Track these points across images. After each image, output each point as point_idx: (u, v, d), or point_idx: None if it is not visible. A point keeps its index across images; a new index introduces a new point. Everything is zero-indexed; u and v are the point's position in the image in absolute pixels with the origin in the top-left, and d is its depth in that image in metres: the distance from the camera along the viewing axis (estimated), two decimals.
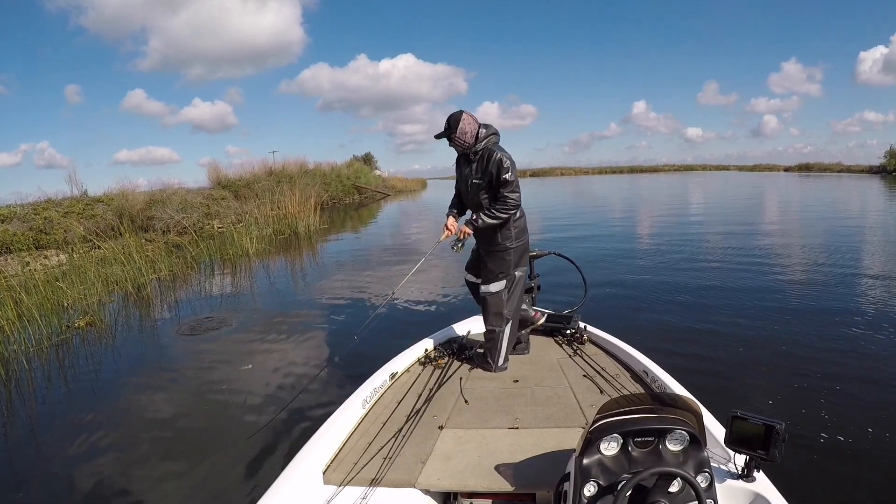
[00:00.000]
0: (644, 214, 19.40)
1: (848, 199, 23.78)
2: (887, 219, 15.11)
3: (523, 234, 3.16)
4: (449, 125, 3.03)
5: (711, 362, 4.52)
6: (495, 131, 3.07)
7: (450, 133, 3.03)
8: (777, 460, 1.69)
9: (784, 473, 2.07)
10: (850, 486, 2.81)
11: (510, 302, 3.16)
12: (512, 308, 3.17)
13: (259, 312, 6.95)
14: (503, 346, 3.15)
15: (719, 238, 12.01)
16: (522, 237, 3.16)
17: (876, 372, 4.22)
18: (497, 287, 3.13)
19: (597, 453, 1.56)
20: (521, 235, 3.14)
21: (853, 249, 10.02)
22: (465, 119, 2.99)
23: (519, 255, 3.16)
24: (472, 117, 3.02)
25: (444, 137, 3.07)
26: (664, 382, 2.71)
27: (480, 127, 3.03)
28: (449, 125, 3.03)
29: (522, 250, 3.18)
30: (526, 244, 3.21)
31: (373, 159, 49.78)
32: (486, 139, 3.01)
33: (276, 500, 1.86)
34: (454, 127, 3.00)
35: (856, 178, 45.01)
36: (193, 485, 3.01)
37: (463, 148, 3.06)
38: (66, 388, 4.74)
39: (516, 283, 3.18)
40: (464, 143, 3.02)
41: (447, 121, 3.05)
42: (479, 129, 3.02)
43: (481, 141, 3.01)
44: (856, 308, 5.93)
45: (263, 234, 13.50)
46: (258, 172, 22.14)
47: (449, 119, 3.04)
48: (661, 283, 7.50)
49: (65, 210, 13.15)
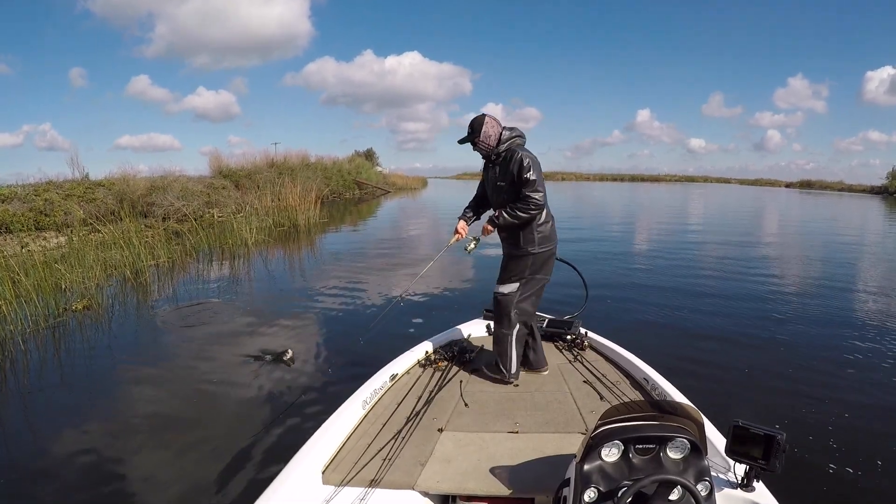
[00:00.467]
0: (647, 223, 19.54)
1: (849, 216, 24.00)
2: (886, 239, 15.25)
3: (547, 242, 3.02)
4: (472, 129, 2.99)
5: (712, 371, 4.54)
6: (520, 133, 3.01)
7: (473, 137, 2.99)
8: (777, 471, 1.70)
9: (784, 484, 2.08)
10: (850, 499, 2.82)
11: (521, 304, 3.04)
12: (522, 311, 3.05)
13: (258, 304, 6.96)
14: (513, 352, 3.04)
15: (722, 249, 12.16)
16: (547, 244, 3.02)
17: (879, 385, 4.26)
18: (508, 289, 3.04)
19: (598, 459, 1.56)
20: (545, 242, 3.01)
21: (853, 265, 10.20)
22: (488, 122, 2.96)
23: (542, 263, 3.03)
24: (494, 120, 2.99)
25: (467, 142, 3.04)
26: (664, 390, 2.72)
27: (504, 129, 2.99)
28: (472, 129, 2.99)
29: (546, 258, 3.05)
30: (551, 252, 3.06)
31: (374, 155, 49.67)
32: (510, 141, 2.96)
33: (274, 499, 1.87)
34: (477, 131, 2.96)
35: (857, 198, 45.40)
36: (189, 481, 2.97)
37: (487, 151, 3.01)
38: (61, 370, 4.75)
39: (531, 288, 3.05)
40: (487, 146, 2.99)
41: (470, 125, 3.01)
42: (503, 132, 2.98)
43: (504, 143, 2.96)
44: (859, 320, 6.04)
45: (263, 226, 13.49)
46: (259, 163, 22.12)
47: (472, 123, 3.00)
48: (662, 291, 7.57)
49: (66, 192, 13.12)
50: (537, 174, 2.87)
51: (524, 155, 2.87)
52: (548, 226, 3.03)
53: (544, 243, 3.01)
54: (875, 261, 11.03)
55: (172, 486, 2.92)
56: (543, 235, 3.00)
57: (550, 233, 3.04)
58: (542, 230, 3.00)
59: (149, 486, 2.93)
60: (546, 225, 3.02)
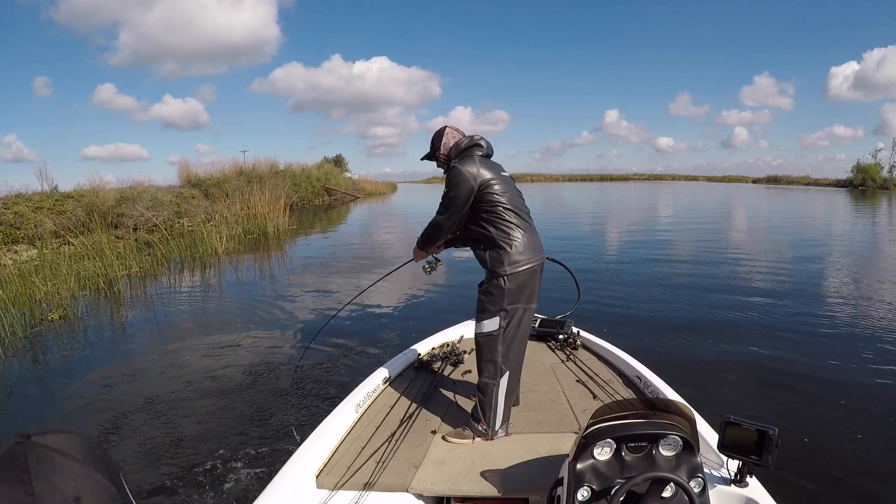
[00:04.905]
0: (626, 221, 20.25)
1: (815, 211, 25.13)
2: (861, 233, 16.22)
3: (521, 260, 2.38)
4: (432, 144, 2.64)
5: (704, 367, 4.63)
6: (477, 142, 2.55)
7: (434, 153, 2.64)
8: (770, 466, 1.70)
9: (777, 479, 2.14)
10: (842, 493, 2.87)
11: (507, 347, 2.44)
12: (511, 356, 2.46)
13: (231, 313, 7.27)
14: (499, 405, 2.44)
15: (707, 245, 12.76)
16: (520, 263, 2.38)
17: (871, 379, 4.36)
18: (490, 326, 2.43)
19: (590, 458, 1.57)
20: (517, 260, 2.38)
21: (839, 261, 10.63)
22: (447, 134, 2.60)
23: (519, 287, 2.39)
24: (456, 131, 2.62)
25: (429, 159, 2.68)
26: (657, 388, 2.71)
27: (463, 139, 2.57)
28: (432, 144, 2.64)
29: (524, 280, 2.40)
30: (530, 271, 2.41)
31: (343, 161, 49.88)
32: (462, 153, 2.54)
33: (269, 503, 1.88)
34: (437, 145, 2.62)
35: (822, 191, 46.90)
36: (183, 489, 2.97)
37: (444, 166, 2.61)
38: (38, 378, 5.04)
39: (517, 323, 2.44)
40: (445, 159, 2.60)
41: (431, 140, 2.66)
42: (461, 141, 2.56)
43: (456, 156, 2.54)
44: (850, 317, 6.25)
45: (233, 234, 13.80)
46: (228, 172, 22.25)
47: (433, 138, 2.64)
48: (653, 289, 7.82)
49: (35, 205, 13.27)
50: (456, 191, 2.41)
51: (455, 169, 2.44)
52: (518, 239, 2.41)
53: (517, 262, 2.38)
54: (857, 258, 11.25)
55: (163, 493, 2.95)
56: (515, 251, 2.39)
57: (525, 246, 2.41)
58: (509, 244, 2.40)
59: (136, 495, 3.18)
60: (513, 237, 2.41)
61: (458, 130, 2.62)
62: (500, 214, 2.41)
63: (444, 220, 2.51)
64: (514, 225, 2.42)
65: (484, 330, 2.45)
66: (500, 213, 2.41)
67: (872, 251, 12.37)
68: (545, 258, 2.56)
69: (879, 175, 55.14)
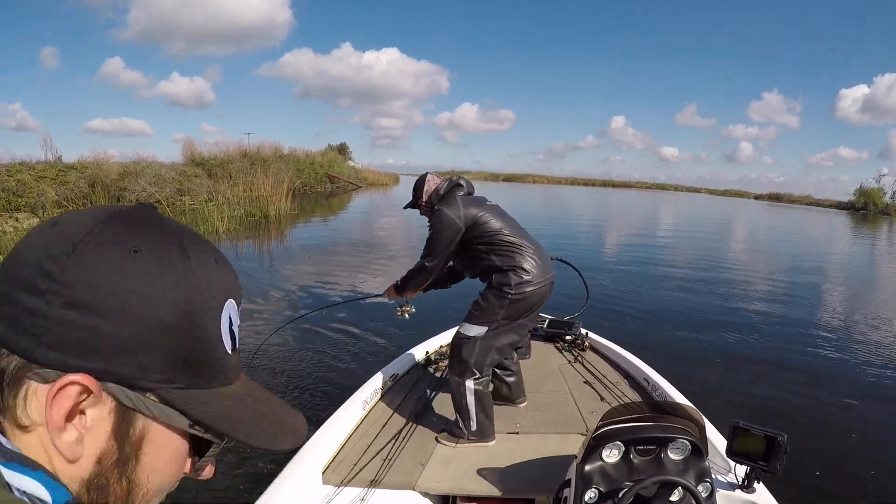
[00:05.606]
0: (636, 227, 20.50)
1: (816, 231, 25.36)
2: None
3: (527, 284, 2.35)
4: (415, 192, 2.62)
5: (713, 371, 4.65)
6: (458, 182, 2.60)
7: (417, 201, 2.62)
8: (778, 472, 1.69)
9: (784, 486, 2.15)
10: (850, 501, 2.88)
11: (483, 354, 2.41)
12: (482, 361, 2.41)
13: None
14: (470, 406, 2.41)
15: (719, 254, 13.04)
16: (525, 286, 2.35)
17: (882, 387, 4.41)
18: (474, 331, 2.40)
19: (598, 460, 1.57)
20: (525, 281, 2.35)
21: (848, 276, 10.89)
22: (429, 180, 2.60)
23: (522, 307, 2.39)
24: (437, 176, 2.63)
25: (413, 207, 2.68)
26: (665, 391, 2.72)
27: (443, 183, 2.58)
28: (415, 192, 2.62)
29: (533, 301, 2.40)
30: (541, 295, 2.42)
31: (348, 150, 49.86)
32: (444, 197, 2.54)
33: (275, 499, 1.87)
34: (419, 192, 2.60)
35: (823, 212, 47.14)
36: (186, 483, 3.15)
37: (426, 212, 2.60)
38: None
39: (502, 335, 2.43)
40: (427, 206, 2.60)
41: (413, 187, 2.65)
42: (441, 185, 2.56)
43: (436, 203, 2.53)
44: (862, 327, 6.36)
45: (234, 215, 13.82)
46: (233, 153, 22.24)
47: (415, 185, 2.64)
48: (663, 293, 7.86)
49: (38, 174, 13.26)
50: (441, 235, 2.43)
51: (439, 213, 2.45)
52: (524, 263, 2.38)
53: (523, 286, 2.35)
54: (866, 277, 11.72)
55: None
56: (523, 274, 2.36)
57: (532, 268, 2.38)
58: (515, 270, 2.37)
59: None
60: (519, 262, 2.38)
61: (438, 176, 2.64)
62: (499, 244, 2.41)
63: (430, 262, 2.52)
64: (516, 248, 2.40)
65: (466, 333, 2.43)
66: (500, 242, 2.41)
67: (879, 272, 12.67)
68: (553, 276, 2.51)
69: (882, 200, 55.43)
